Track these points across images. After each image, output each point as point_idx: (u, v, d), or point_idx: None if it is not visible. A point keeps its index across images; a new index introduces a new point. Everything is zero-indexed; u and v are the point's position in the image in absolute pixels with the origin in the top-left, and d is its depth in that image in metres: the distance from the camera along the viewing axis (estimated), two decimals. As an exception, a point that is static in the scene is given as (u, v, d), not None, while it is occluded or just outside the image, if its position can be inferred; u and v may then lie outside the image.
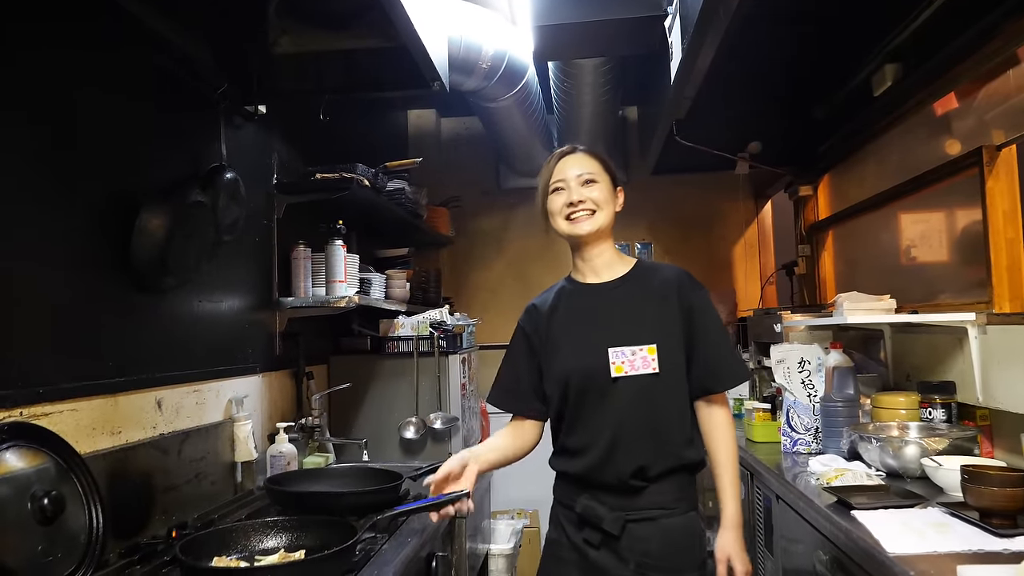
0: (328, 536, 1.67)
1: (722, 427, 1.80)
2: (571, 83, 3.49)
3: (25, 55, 1.63)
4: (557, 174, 1.84)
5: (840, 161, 3.84)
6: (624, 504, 1.73)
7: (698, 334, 1.79)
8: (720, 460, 1.79)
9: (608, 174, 1.84)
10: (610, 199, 1.83)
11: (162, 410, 2.05)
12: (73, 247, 1.74)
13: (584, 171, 1.81)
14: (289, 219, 2.84)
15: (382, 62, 2.42)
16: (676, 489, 1.75)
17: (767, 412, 2.96)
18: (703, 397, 1.80)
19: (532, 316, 1.91)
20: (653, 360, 1.74)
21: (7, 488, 1.44)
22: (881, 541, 1.55)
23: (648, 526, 1.72)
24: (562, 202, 1.81)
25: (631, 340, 1.76)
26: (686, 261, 5.03)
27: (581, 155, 1.85)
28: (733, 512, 1.77)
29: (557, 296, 1.90)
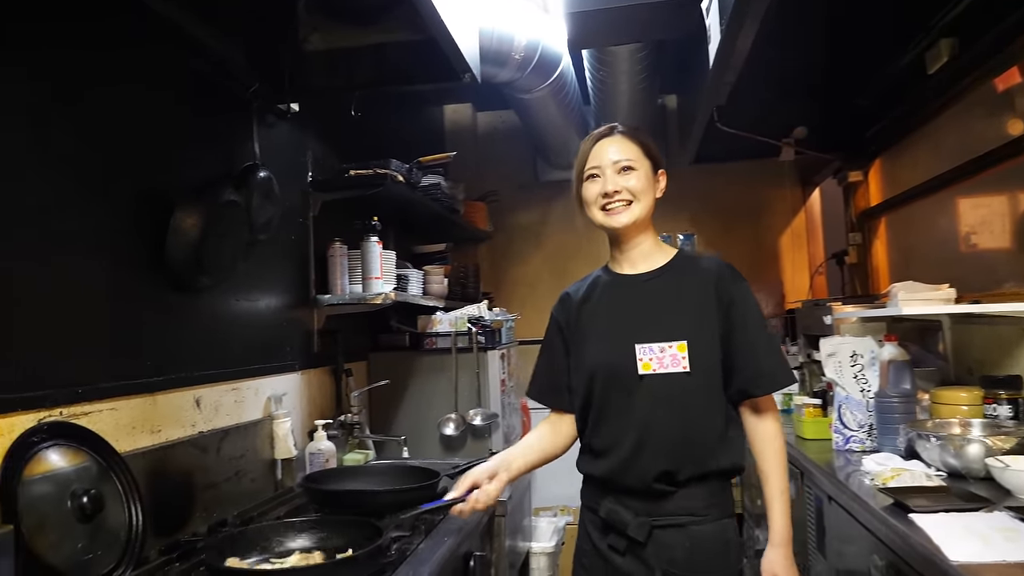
0: (355, 536, 1.64)
1: (769, 436, 1.67)
2: (606, 71, 3.42)
3: (64, 56, 1.63)
4: (592, 159, 1.71)
5: (892, 144, 3.69)
6: (650, 509, 1.63)
7: (737, 332, 1.65)
8: (766, 473, 1.66)
9: (649, 159, 1.71)
10: (649, 187, 1.70)
11: (201, 408, 2.05)
12: (109, 247, 1.74)
13: (621, 157, 1.68)
14: (325, 217, 2.83)
15: (412, 55, 2.38)
16: (707, 495, 1.63)
17: (818, 408, 2.85)
18: (746, 402, 1.68)
19: (565, 305, 1.82)
20: (684, 358, 1.62)
21: (48, 486, 1.45)
22: (942, 547, 1.46)
23: (676, 533, 1.61)
24: (597, 191, 1.70)
25: (661, 336, 1.64)
26: (731, 252, 4.92)
27: (619, 138, 1.71)
28: (781, 528, 1.65)
29: (591, 286, 1.80)
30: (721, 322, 1.65)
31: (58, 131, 1.61)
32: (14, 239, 1.49)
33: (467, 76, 2.38)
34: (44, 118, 1.58)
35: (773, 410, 1.69)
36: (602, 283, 1.79)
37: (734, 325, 1.65)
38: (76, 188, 1.65)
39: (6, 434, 1.41)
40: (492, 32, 2.99)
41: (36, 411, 1.49)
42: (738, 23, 2.33)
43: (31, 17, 1.55)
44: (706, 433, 1.64)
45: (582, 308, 1.78)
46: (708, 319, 1.66)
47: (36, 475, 1.42)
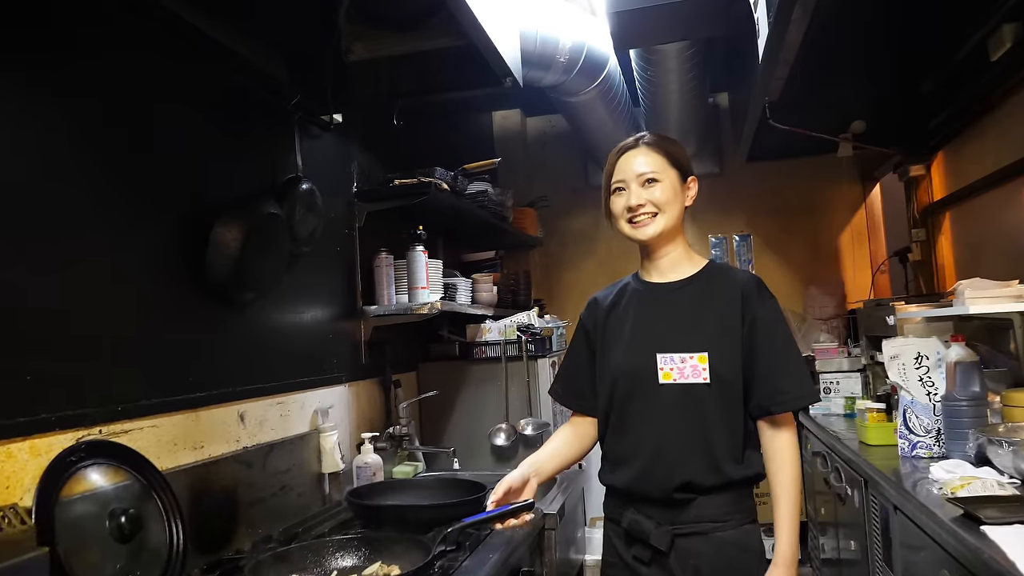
0: (400, 553, 1.61)
1: (782, 454, 1.65)
2: (654, 71, 3.35)
3: (109, 74, 1.66)
4: (618, 173, 1.72)
5: (955, 136, 3.53)
6: (672, 518, 1.63)
7: (760, 348, 1.65)
8: (777, 490, 1.65)
9: (675, 168, 1.70)
10: (675, 197, 1.69)
11: (245, 423, 2.06)
12: (150, 262, 1.76)
13: (646, 169, 1.68)
14: (371, 227, 2.83)
15: (453, 62, 2.37)
16: (728, 502, 1.63)
17: (882, 412, 2.72)
18: (764, 417, 1.66)
19: (592, 311, 1.83)
20: (704, 369, 1.63)
21: (86, 506, 1.45)
22: (1018, 563, 1.35)
23: (698, 540, 1.62)
24: (623, 204, 1.70)
25: (682, 346, 1.65)
26: (788, 252, 4.79)
27: (644, 149, 1.70)
28: (786, 549, 1.61)
29: (620, 292, 1.81)
30: (745, 337, 1.66)
31: (102, 148, 1.63)
32: (53, 255, 1.50)
33: (508, 80, 2.36)
34: (89, 135, 1.60)
35: (790, 427, 1.68)
36: (630, 290, 1.80)
37: (758, 340, 1.66)
38: (118, 201, 1.67)
39: (44, 454, 1.42)
40: (536, 35, 2.96)
41: (75, 430, 1.50)
42: (787, 14, 2.24)
43: (74, 37, 1.57)
44: (724, 445, 1.63)
45: (610, 314, 1.79)
46: (732, 332, 1.66)
47: (74, 495, 1.43)
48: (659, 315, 1.72)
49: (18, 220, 1.43)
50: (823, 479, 3.10)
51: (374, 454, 2.48)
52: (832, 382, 3.53)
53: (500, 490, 1.63)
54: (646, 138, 1.73)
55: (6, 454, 1.36)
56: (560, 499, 2.39)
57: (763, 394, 1.64)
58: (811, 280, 4.68)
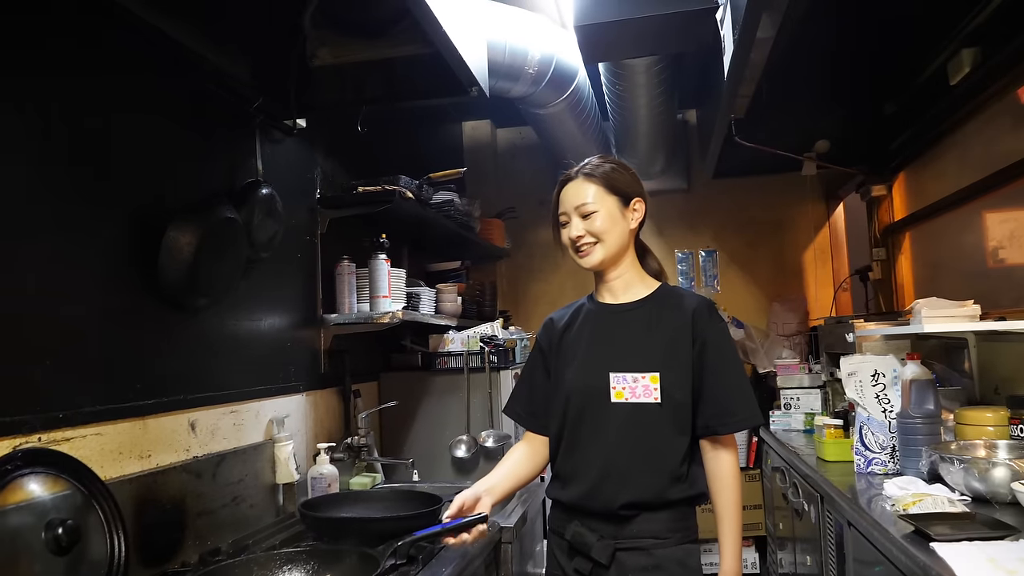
0: (349, 567, 1.58)
1: (725, 474, 1.68)
2: (623, 86, 3.36)
3: (59, 72, 1.61)
4: (561, 205, 1.77)
5: (916, 157, 3.59)
6: (615, 532, 1.66)
7: (708, 370, 1.68)
8: (719, 510, 1.68)
9: (614, 194, 1.72)
10: (615, 223, 1.72)
11: (196, 432, 2.01)
12: (99, 266, 1.71)
13: (580, 201, 1.71)
14: (334, 234, 2.79)
15: (419, 69, 2.35)
16: (671, 519, 1.67)
17: (839, 429, 2.74)
18: (709, 437, 1.69)
19: (548, 331, 1.86)
20: (656, 389, 1.66)
21: (22, 516, 1.39)
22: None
23: (639, 556, 1.64)
24: (567, 236, 1.75)
25: (634, 366, 1.68)
26: (754, 268, 4.82)
27: (579, 182, 1.74)
28: (729, 567, 1.66)
29: (575, 313, 1.85)
30: (695, 358, 1.69)
31: (49, 148, 1.59)
32: (-3, 259, 1.46)
33: (474, 90, 2.35)
34: (35, 134, 1.55)
35: (733, 448, 1.72)
36: (585, 311, 1.83)
37: (706, 363, 1.69)
38: (63, 203, 1.62)
39: (-22, 461, 1.37)
40: (505, 46, 2.96)
41: (11, 437, 1.44)
42: (751, 34, 2.26)
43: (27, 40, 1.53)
44: (671, 464, 1.66)
45: (564, 334, 1.82)
46: (682, 354, 1.69)
47: (9, 505, 1.37)
48: (612, 335, 1.74)
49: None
50: (782, 494, 3.12)
51: (330, 465, 2.43)
52: (792, 398, 3.56)
53: (454, 507, 1.63)
54: (586, 167, 1.75)
55: (-63, 461, 1.31)
56: (519, 512, 2.36)
57: (710, 415, 1.67)
58: (775, 296, 4.72)
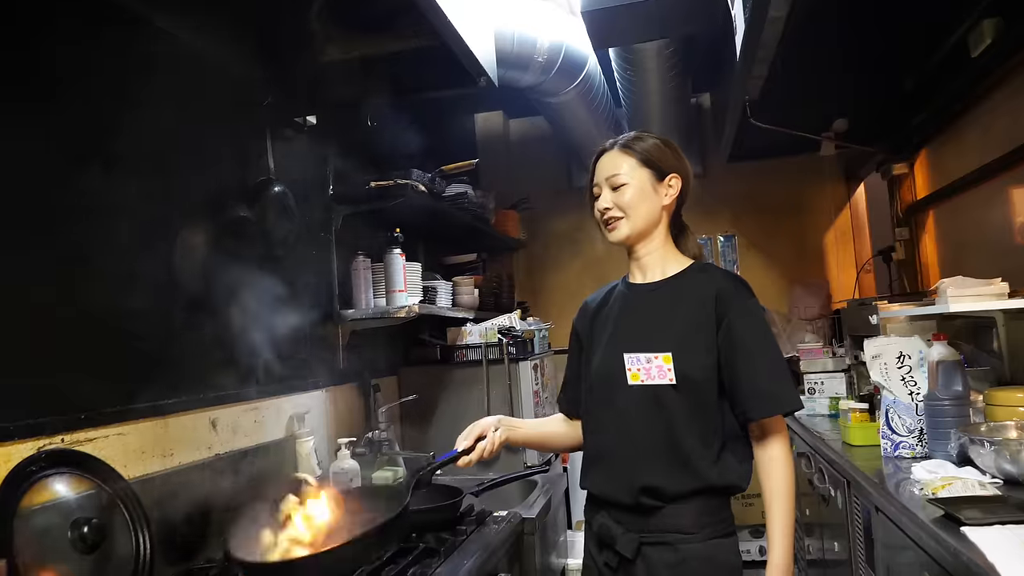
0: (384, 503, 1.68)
1: (771, 462, 1.59)
2: (634, 71, 3.33)
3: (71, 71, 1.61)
4: (594, 177, 1.72)
5: (938, 133, 3.52)
6: (640, 525, 1.60)
7: (736, 351, 1.59)
8: (766, 498, 1.59)
9: (647, 167, 1.67)
10: (644, 198, 1.66)
11: (217, 430, 2.02)
12: (116, 266, 1.71)
13: (612, 172, 1.67)
14: (349, 230, 2.79)
15: (427, 62, 2.34)
16: (698, 512, 1.58)
17: (865, 413, 2.70)
18: (751, 425, 1.61)
19: (582, 314, 1.84)
20: (669, 370, 1.59)
21: (48, 517, 1.42)
22: (996, 565, 1.33)
23: (664, 551, 1.57)
24: (598, 208, 1.71)
25: (647, 346, 1.62)
26: (773, 252, 4.77)
27: (614, 154, 1.69)
28: (778, 557, 1.57)
29: (608, 294, 1.80)
30: (721, 340, 1.61)
31: (63, 147, 1.59)
32: (11, 258, 1.46)
33: (483, 80, 2.34)
34: (50, 133, 1.56)
35: (777, 434, 1.61)
36: (617, 291, 1.79)
37: (734, 345, 1.60)
38: (80, 203, 1.62)
39: (2, 464, 1.38)
40: (513, 35, 2.93)
41: (35, 439, 1.46)
42: (763, 11, 2.22)
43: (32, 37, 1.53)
44: (693, 450, 1.58)
45: (596, 317, 1.78)
46: (702, 334, 1.61)
47: (35, 505, 1.39)
48: (633, 316, 1.70)
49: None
50: (808, 480, 3.09)
51: (351, 459, 2.43)
52: (816, 382, 3.51)
53: (473, 435, 1.69)
54: (622, 139, 1.71)
55: (-39, 465, 1.33)
56: (541, 502, 2.36)
57: (741, 400, 1.59)
58: (796, 280, 4.67)
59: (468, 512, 2.10)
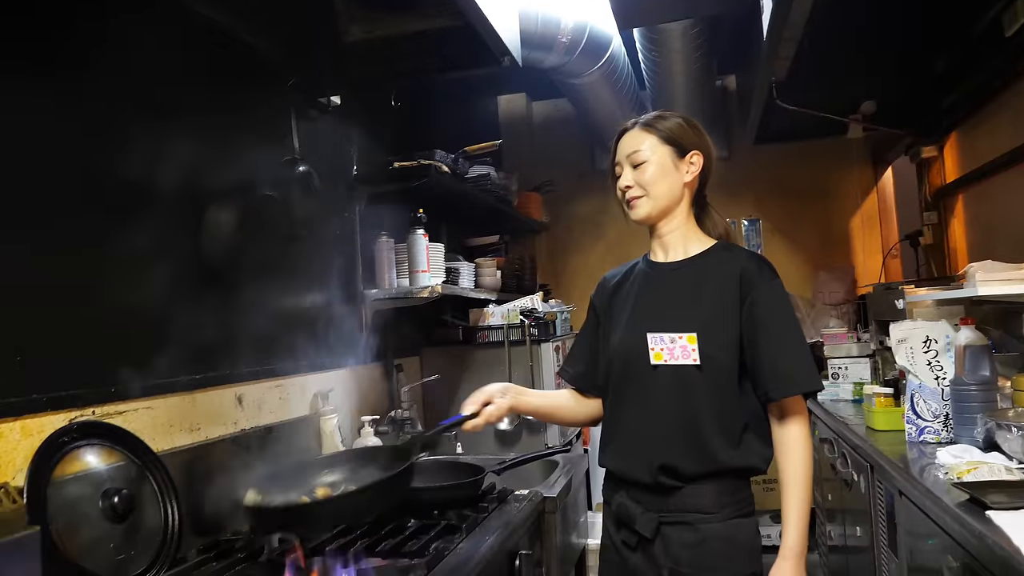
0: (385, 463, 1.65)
1: (788, 443, 1.59)
2: (659, 52, 3.30)
3: (100, 54, 1.63)
4: (616, 155, 1.71)
5: (968, 116, 3.46)
6: (659, 504, 1.60)
7: (759, 332, 1.58)
8: (783, 480, 1.59)
9: (668, 144, 1.65)
10: (665, 175, 1.65)
11: (243, 406, 2.05)
12: (145, 244, 1.73)
13: (632, 150, 1.66)
14: (372, 210, 2.80)
15: (450, 41, 2.32)
16: (718, 492, 1.58)
17: (889, 397, 2.68)
18: (771, 405, 1.61)
19: (601, 290, 1.83)
20: (694, 350, 1.57)
21: (80, 487, 1.45)
22: (1023, 548, 1.32)
23: (683, 531, 1.57)
24: (619, 186, 1.69)
25: (672, 326, 1.60)
26: (798, 236, 4.73)
27: (635, 132, 1.68)
28: (793, 541, 1.56)
29: (628, 272, 1.79)
30: (744, 321, 1.60)
31: (93, 129, 1.61)
32: (42, 237, 1.49)
33: (507, 60, 2.32)
34: (76, 115, 1.58)
35: (797, 415, 1.60)
36: (637, 270, 1.78)
37: (756, 325, 1.59)
38: (108, 183, 1.65)
39: (35, 435, 1.41)
40: (537, 15, 2.92)
41: (67, 411, 1.49)
42: (791, -10, 2.20)
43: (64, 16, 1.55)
44: (714, 430, 1.57)
45: (615, 294, 1.77)
46: (727, 314, 1.60)
47: (67, 475, 1.42)
48: (656, 295, 1.69)
49: (14, 203, 1.42)
50: (830, 465, 3.07)
51: (374, 437, 2.46)
52: (840, 368, 3.49)
53: (480, 400, 1.69)
54: (644, 118, 1.70)
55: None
56: (562, 482, 2.36)
57: (763, 380, 1.58)
58: (821, 265, 4.63)
59: (490, 490, 2.11)
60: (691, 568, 1.55)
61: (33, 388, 1.43)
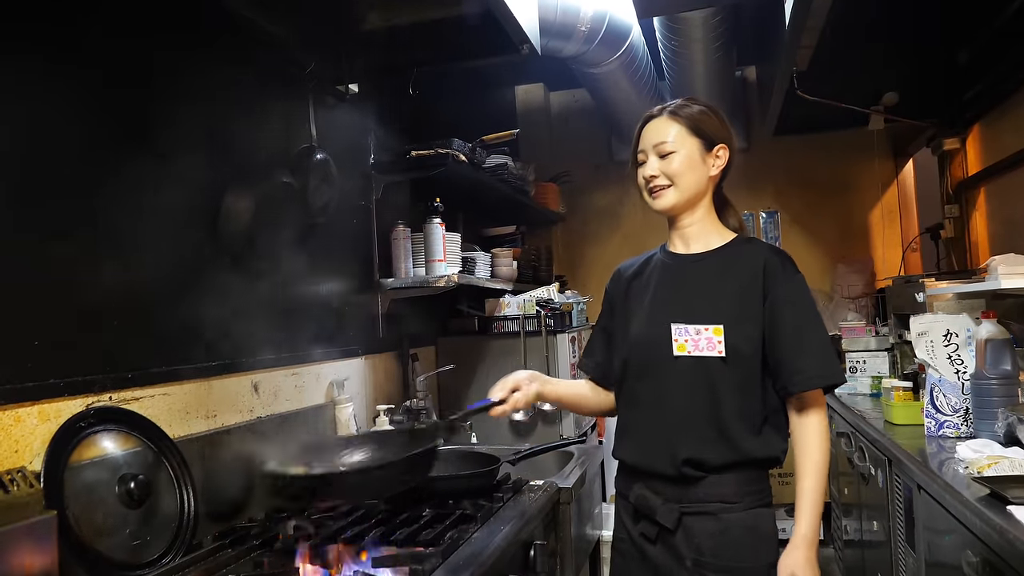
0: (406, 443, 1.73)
1: (807, 435, 1.58)
2: (679, 41, 3.26)
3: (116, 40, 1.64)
4: (640, 143, 1.68)
5: (992, 108, 3.40)
6: (680, 495, 1.59)
7: (780, 325, 1.58)
8: (799, 469, 1.59)
9: (697, 137, 1.63)
10: (692, 167, 1.63)
11: (259, 393, 2.05)
12: (163, 232, 1.74)
13: (659, 140, 1.63)
14: (389, 199, 2.80)
15: (469, 29, 2.31)
16: (739, 482, 1.57)
17: (908, 391, 2.66)
18: (791, 398, 1.60)
19: (616, 281, 1.82)
20: (720, 342, 1.57)
21: (96, 472, 1.46)
22: (1044, 543, 1.31)
23: (706, 520, 1.57)
24: (643, 175, 1.67)
25: (698, 318, 1.59)
26: (817, 229, 4.69)
27: (662, 120, 1.65)
28: (806, 530, 1.56)
29: (645, 263, 1.78)
30: (766, 313, 1.59)
31: (109, 114, 1.62)
32: (60, 221, 1.50)
33: (525, 48, 2.31)
34: (93, 100, 1.59)
35: (815, 408, 1.60)
36: (655, 261, 1.77)
37: (778, 317, 1.59)
38: (125, 170, 1.65)
39: (53, 419, 1.42)
40: (556, 4, 2.90)
41: (84, 396, 1.50)
42: (813, -22, 2.17)
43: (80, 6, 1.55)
44: (738, 421, 1.57)
45: (632, 284, 1.76)
46: (750, 308, 1.60)
47: (84, 460, 1.43)
48: (678, 286, 1.67)
49: (29, 187, 1.43)
50: (847, 459, 3.05)
51: (389, 426, 2.47)
52: (858, 361, 3.46)
53: (507, 387, 1.71)
54: (671, 106, 1.68)
55: (14, 418, 1.37)
56: (577, 473, 2.35)
57: (782, 374, 1.58)
58: (839, 258, 4.59)
59: (505, 480, 2.11)
60: (714, 558, 1.55)
61: (50, 373, 1.44)
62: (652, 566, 1.63)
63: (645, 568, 1.64)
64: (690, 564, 1.57)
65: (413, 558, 1.51)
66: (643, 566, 1.65)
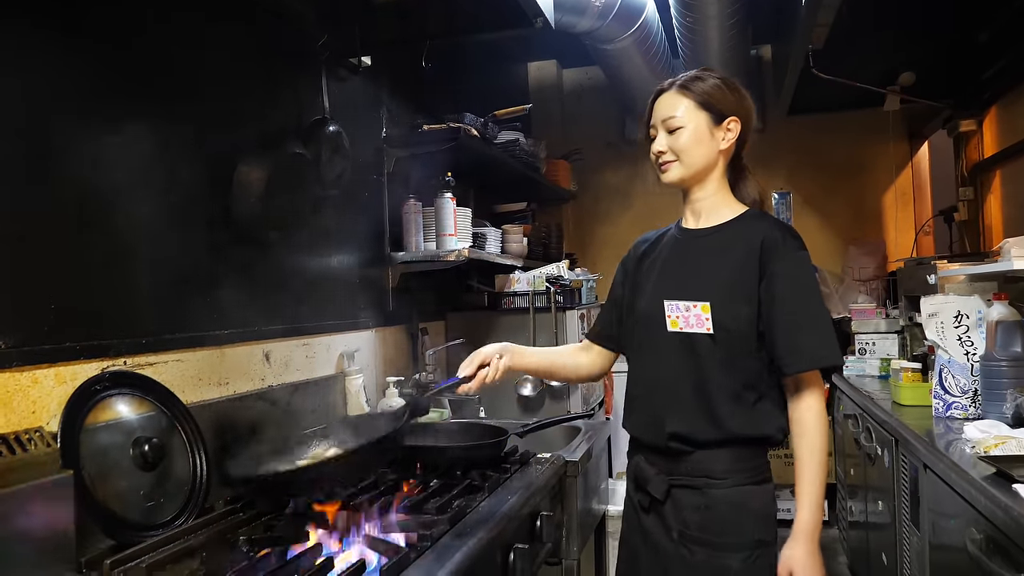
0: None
1: (802, 421, 1.55)
2: (693, 18, 3.23)
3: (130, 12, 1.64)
4: (652, 117, 1.67)
5: (1010, 89, 3.37)
6: (670, 468, 1.61)
7: (776, 303, 1.54)
8: (797, 458, 1.55)
9: (705, 110, 1.60)
10: (700, 142, 1.60)
11: (270, 362, 2.07)
12: (176, 199, 1.75)
13: (668, 115, 1.62)
14: (401, 173, 2.80)
15: (483, 1, 2.31)
16: (729, 459, 1.55)
17: (917, 372, 2.66)
18: (786, 379, 1.56)
19: (633, 251, 1.82)
20: (707, 319, 1.55)
21: (111, 434, 1.48)
22: (1048, 520, 1.32)
23: (692, 494, 1.58)
24: (653, 150, 1.66)
25: (687, 294, 1.59)
26: (829, 211, 4.67)
27: (672, 94, 1.63)
28: (806, 520, 1.53)
29: (660, 237, 1.77)
30: (763, 290, 1.56)
31: (123, 84, 1.63)
32: (78, 189, 1.51)
33: (539, 21, 2.30)
34: (109, 73, 1.59)
35: (812, 391, 1.56)
36: (669, 235, 1.76)
37: (774, 296, 1.54)
38: (141, 139, 1.66)
39: (69, 382, 1.44)
40: (570, -22, 2.88)
41: (99, 360, 1.52)
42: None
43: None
44: (724, 398, 1.55)
45: (644, 258, 1.77)
46: (744, 284, 1.56)
47: (99, 423, 1.45)
48: (681, 261, 1.67)
49: (48, 156, 1.44)
50: (854, 440, 3.06)
51: (399, 398, 2.49)
52: (868, 343, 3.45)
53: (475, 363, 1.70)
54: (682, 79, 1.65)
55: (32, 380, 1.39)
56: (584, 447, 2.37)
57: (776, 354, 1.54)
58: (852, 240, 4.57)
59: (512, 452, 2.12)
60: (699, 531, 1.56)
61: (66, 336, 1.46)
62: (644, 532, 1.67)
63: (640, 535, 1.68)
64: (676, 535, 1.59)
65: (421, 524, 1.53)
66: (638, 532, 1.69)
